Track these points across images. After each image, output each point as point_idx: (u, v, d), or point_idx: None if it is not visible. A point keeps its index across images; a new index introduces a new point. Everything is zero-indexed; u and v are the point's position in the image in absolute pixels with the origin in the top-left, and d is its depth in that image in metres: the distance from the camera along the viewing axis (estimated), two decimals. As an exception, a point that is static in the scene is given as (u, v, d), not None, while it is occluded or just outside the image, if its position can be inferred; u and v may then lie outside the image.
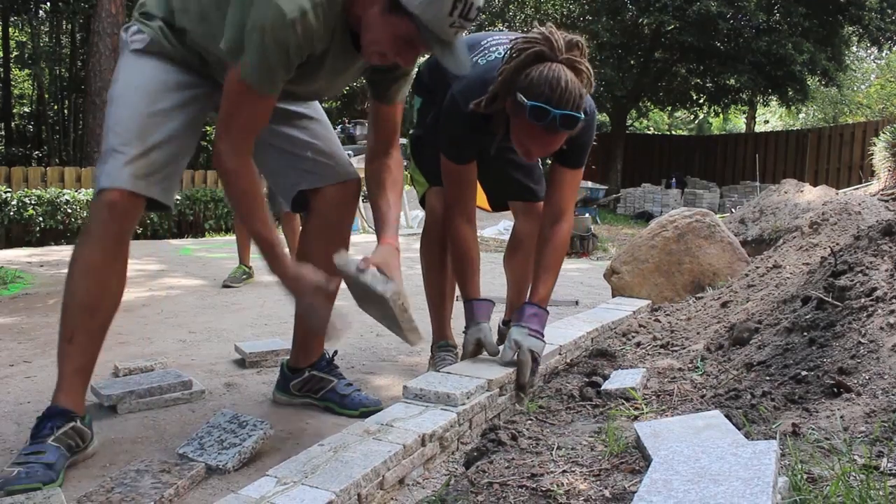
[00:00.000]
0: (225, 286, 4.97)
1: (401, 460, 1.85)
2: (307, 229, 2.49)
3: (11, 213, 7.79)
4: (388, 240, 2.15)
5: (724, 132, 29.43)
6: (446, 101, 2.53)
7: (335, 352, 2.62)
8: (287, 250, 2.14)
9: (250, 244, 5.30)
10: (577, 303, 4.61)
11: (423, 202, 2.91)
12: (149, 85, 2.10)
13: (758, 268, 3.68)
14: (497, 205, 3.11)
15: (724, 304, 3.36)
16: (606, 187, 15.73)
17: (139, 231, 8.77)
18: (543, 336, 2.47)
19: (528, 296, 2.57)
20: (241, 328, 3.79)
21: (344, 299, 2.10)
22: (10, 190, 8.06)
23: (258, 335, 3.59)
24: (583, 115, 2.23)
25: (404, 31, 1.88)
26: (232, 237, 8.71)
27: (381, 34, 1.92)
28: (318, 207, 2.42)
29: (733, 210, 10.41)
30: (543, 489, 1.60)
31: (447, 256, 2.78)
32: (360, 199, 2.48)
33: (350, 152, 2.59)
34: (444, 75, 2.60)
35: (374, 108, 2.31)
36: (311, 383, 2.50)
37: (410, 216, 9.84)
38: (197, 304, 4.46)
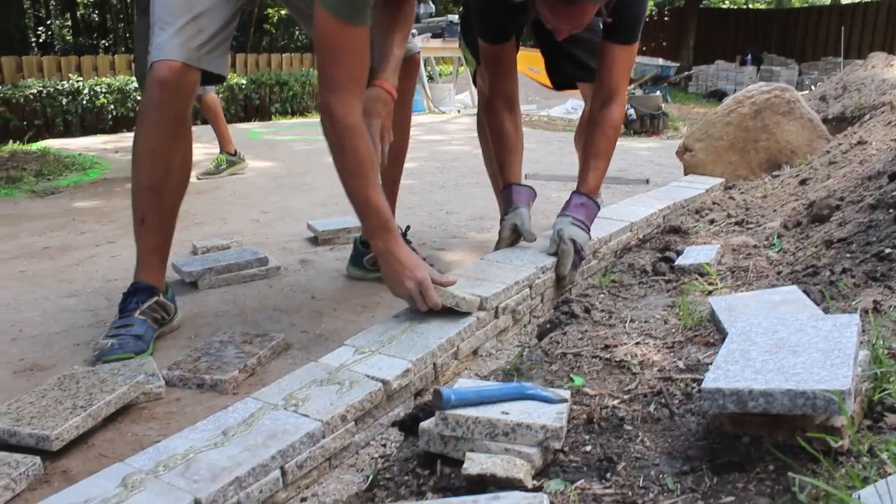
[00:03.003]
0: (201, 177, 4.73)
1: (474, 332, 1.89)
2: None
3: (84, 102, 7.93)
4: (379, 82, 2.10)
5: (805, 4, 27.68)
6: None
7: (408, 227, 2.64)
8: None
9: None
10: (647, 181, 4.53)
11: (475, 80, 2.83)
12: None
13: (840, 144, 3.53)
14: (559, 83, 2.96)
15: (802, 182, 3.25)
16: (678, 65, 15.10)
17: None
18: (589, 229, 2.34)
19: (577, 184, 2.42)
20: (312, 207, 3.85)
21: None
22: (81, 79, 8.17)
23: (329, 214, 3.64)
24: None
25: None
26: (298, 119, 8.73)
27: None
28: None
29: (813, 87, 9.94)
30: (617, 360, 1.61)
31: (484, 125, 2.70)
32: (427, 78, 2.45)
33: (414, 31, 2.51)
34: None
35: None
36: (384, 258, 2.53)
37: (454, 99, 9.66)
38: (267, 185, 4.53)
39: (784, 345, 1.31)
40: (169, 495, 1.16)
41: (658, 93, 8.65)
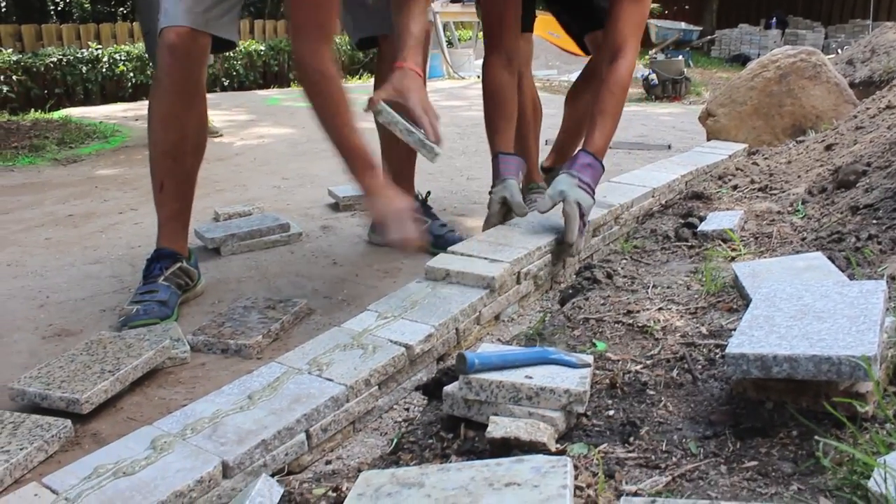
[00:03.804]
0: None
1: (496, 297, 1.89)
2: (380, 75, 2.47)
3: (104, 70, 7.93)
4: (403, 63, 1.99)
5: (832, -35, 26.99)
6: None
7: (428, 192, 2.64)
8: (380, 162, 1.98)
9: None
10: (669, 146, 4.48)
11: None
12: None
13: (868, 108, 3.47)
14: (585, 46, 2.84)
15: (828, 147, 3.20)
16: (700, 28, 14.85)
17: (226, 83, 8.84)
18: (594, 192, 2.16)
19: (582, 143, 2.27)
20: (332, 174, 3.84)
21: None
22: (100, 47, 8.17)
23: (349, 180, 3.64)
24: None
25: None
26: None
27: None
28: (385, 53, 2.38)
29: (840, 51, 9.75)
30: (640, 325, 1.61)
31: (522, 102, 2.64)
32: (446, 43, 2.41)
33: None
34: None
35: None
36: (404, 225, 2.54)
37: (473, 64, 9.55)
38: (288, 151, 4.53)
39: (809, 311, 1.30)
40: (197, 457, 1.18)
41: (680, 57, 8.53)
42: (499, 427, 1.17)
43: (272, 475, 1.24)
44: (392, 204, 1.88)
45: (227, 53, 8.35)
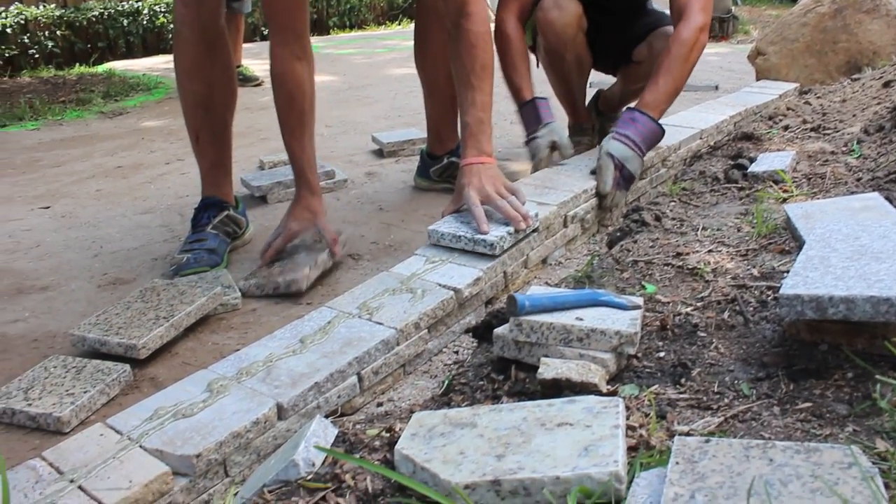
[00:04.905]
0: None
1: (543, 241, 1.88)
2: (419, 23, 2.44)
3: (144, 23, 7.95)
4: (469, 157, 1.85)
5: None
6: None
7: (458, 144, 2.61)
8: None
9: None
10: (716, 87, 4.37)
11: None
12: None
13: (928, 42, 3.33)
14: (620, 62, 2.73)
15: (886, 84, 3.09)
16: (749, -36, 14.34)
17: (265, 32, 8.80)
18: (637, 145, 2.11)
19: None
20: (375, 120, 3.84)
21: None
22: (140, -1, 8.19)
23: (392, 126, 3.64)
24: None
25: None
26: (357, 33, 8.63)
27: None
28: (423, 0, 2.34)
29: (896, -17, 9.32)
30: (690, 267, 1.59)
31: (562, 58, 2.55)
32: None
33: None
34: None
35: None
36: (450, 169, 2.53)
37: None
38: (330, 98, 4.51)
39: (866, 251, 1.27)
40: (252, 399, 1.21)
41: (728, -6, 8.25)
42: (550, 368, 1.17)
43: (325, 417, 1.26)
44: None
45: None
